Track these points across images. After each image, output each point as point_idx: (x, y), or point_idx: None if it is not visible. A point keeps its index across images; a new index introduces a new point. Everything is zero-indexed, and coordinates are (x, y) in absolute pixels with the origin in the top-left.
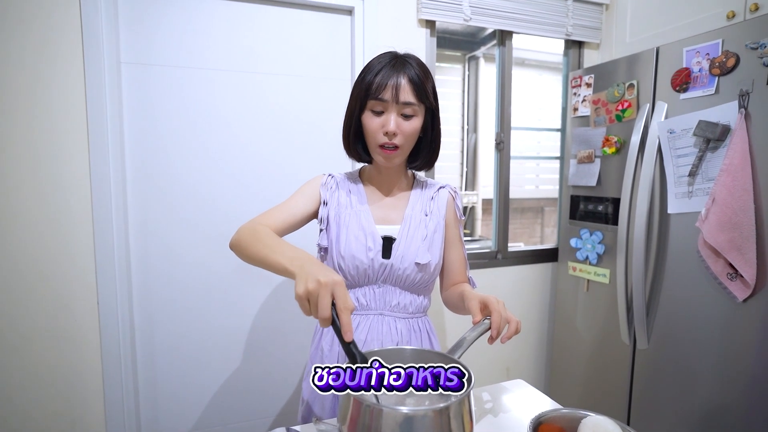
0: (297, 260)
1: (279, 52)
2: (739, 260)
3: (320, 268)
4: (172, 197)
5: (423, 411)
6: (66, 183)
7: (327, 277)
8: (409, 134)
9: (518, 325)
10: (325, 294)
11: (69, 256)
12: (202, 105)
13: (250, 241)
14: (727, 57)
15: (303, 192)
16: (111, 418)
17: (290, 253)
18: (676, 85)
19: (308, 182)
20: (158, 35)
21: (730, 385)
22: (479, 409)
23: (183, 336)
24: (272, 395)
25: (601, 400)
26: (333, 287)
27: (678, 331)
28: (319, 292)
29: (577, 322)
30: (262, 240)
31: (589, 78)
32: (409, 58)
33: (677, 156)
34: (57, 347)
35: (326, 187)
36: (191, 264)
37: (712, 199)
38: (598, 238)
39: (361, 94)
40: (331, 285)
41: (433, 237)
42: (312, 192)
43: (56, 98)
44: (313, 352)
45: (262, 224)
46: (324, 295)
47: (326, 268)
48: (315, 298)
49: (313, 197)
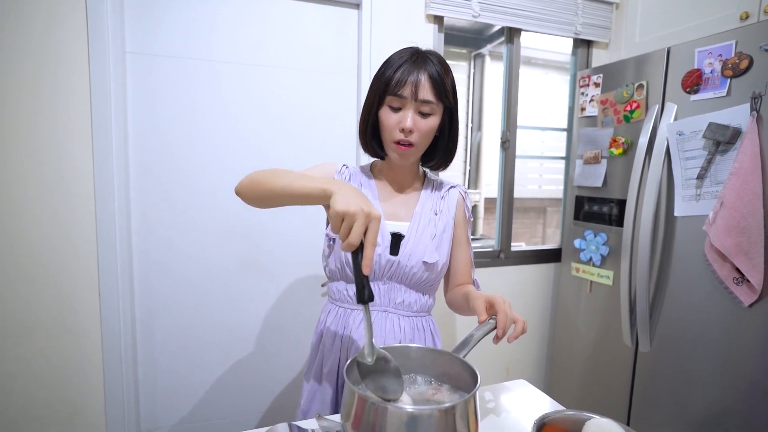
0: (335, 183)
1: (286, 46)
2: (747, 265)
3: (362, 195)
4: (175, 191)
5: (429, 410)
6: (69, 175)
7: (370, 207)
8: (426, 132)
9: (524, 324)
10: (362, 221)
11: (71, 249)
12: (207, 97)
13: (268, 177)
14: (740, 58)
15: (320, 169)
16: (111, 409)
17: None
18: (687, 86)
19: (323, 164)
20: (164, 26)
21: (733, 391)
22: (481, 409)
23: (184, 330)
24: (271, 390)
25: (601, 402)
26: (371, 219)
27: (681, 335)
28: (358, 217)
29: (579, 323)
30: (281, 175)
31: (598, 78)
32: (430, 54)
33: (686, 158)
34: (59, 339)
35: (341, 176)
36: (193, 258)
37: (720, 203)
38: (603, 239)
39: (380, 89)
40: (371, 216)
41: (442, 236)
42: (327, 174)
43: (60, 89)
44: (315, 347)
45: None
46: (361, 222)
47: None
48: (351, 221)
49: (326, 177)
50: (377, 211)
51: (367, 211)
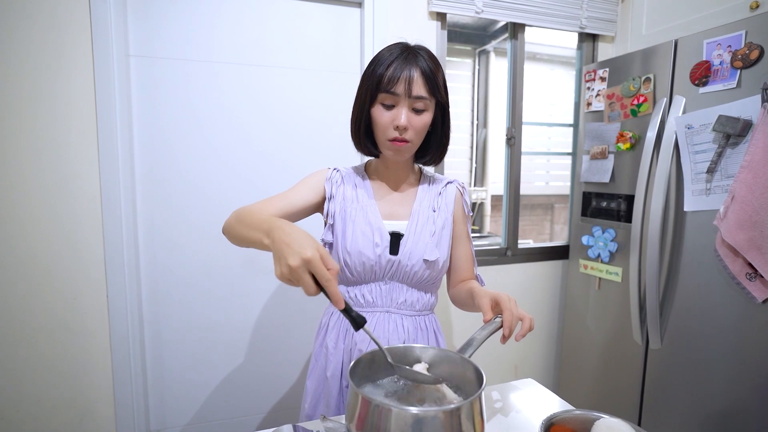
0: (270, 233)
1: (287, 45)
2: (759, 260)
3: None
4: (180, 193)
5: (433, 412)
6: (75, 178)
7: (296, 260)
8: (420, 129)
9: (531, 321)
10: (302, 275)
11: (79, 251)
12: (210, 98)
13: (234, 222)
14: (751, 49)
15: (306, 183)
16: (120, 411)
17: (264, 226)
18: (695, 78)
19: (312, 174)
20: (166, 28)
21: (747, 389)
22: (489, 409)
23: (190, 331)
24: (275, 391)
25: (611, 401)
26: (308, 266)
27: (692, 332)
28: (296, 275)
29: (588, 320)
30: (243, 220)
31: (604, 72)
32: (420, 49)
33: (695, 152)
34: (68, 340)
35: (331, 182)
36: (198, 259)
37: (731, 197)
38: (611, 235)
39: (372, 86)
40: (305, 265)
41: (441, 233)
42: (316, 184)
43: (64, 93)
44: (318, 350)
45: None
46: (302, 276)
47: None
48: (296, 279)
49: (315, 189)
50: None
51: (296, 265)
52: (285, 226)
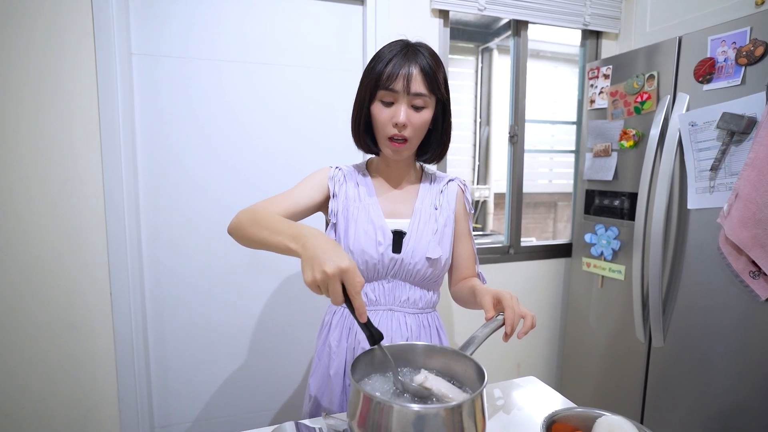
0: (300, 239)
1: (289, 43)
2: (763, 258)
3: (324, 251)
4: (182, 190)
5: (435, 409)
6: (78, 178)
7: (333, 267)
8: (419, 126)
9: (533, 319)
10: (335, 283)
11: (82, 250)
12: (212, 97)
13: (248, 224)
14: (756, 46)
15: (309, 182)
16: (125, 408)
17: (291, 231)
18: (700, 75)
19: (315, 173)
20: (169, 26)
21: (750, 387)
22: (491, 406)
23: (192, 329)
24: (278, 389)
25: (614, 399)
26: (341, 276)
27: (695, 330)
28: (328, 282)
29: (591, 318)
30: (260, 221)
31: (607, 69)
32: (420, 47)
33: (699, 149)
34: (72, 339)
35: (334, 180)
36: (201, 258)
37: (735, 195)
38: (614, 233)
39: (371, 83)
40: (339, 274)
41: (444, 231)
42: (319, 183)
43: (67, 92)
44: (320, 348)
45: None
46: (334, 284)
47: (331, 249)
48: (325, 286)
49: (319, 188)
50: (344, 260)
51: (332, 273)
52: (318, 234)
